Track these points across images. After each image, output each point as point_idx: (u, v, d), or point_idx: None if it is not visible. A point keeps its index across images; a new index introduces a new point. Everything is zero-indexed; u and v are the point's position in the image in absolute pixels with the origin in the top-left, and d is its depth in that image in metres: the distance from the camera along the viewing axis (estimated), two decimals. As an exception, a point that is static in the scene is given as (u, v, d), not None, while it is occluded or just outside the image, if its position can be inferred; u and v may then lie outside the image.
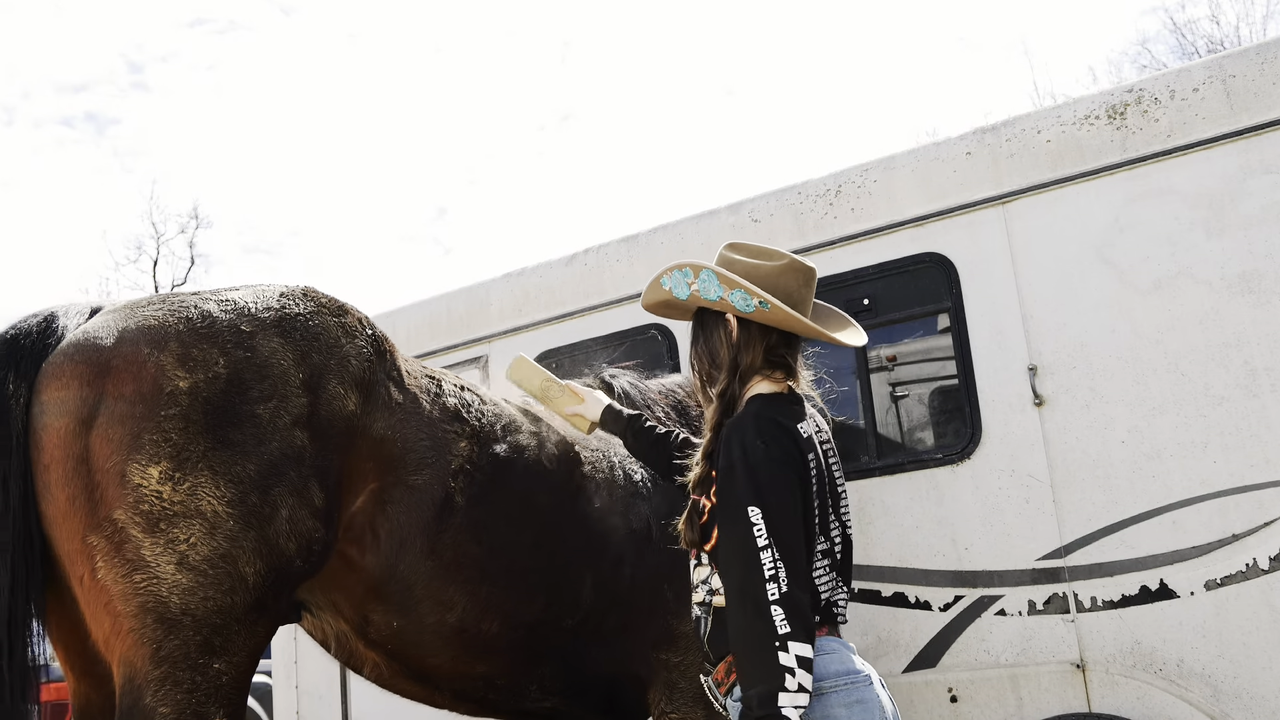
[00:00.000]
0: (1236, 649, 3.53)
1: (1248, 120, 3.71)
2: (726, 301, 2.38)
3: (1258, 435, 3.57)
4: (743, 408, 2.36)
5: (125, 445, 2.43)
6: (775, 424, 2.28)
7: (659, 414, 3.88)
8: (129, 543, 2.41)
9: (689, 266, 2.45)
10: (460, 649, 3.04)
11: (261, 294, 2.78)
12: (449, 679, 3.15)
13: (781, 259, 2.46)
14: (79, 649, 2.66)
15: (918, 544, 4.07)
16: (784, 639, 2.08)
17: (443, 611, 2.96)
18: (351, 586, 2.88)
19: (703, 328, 2.49)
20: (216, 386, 2.54)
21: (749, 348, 2.40)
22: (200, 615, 2.43)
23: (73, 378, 2.50)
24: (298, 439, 2.62)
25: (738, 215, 4.69)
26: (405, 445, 2.89)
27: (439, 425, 3.00)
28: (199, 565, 2.44)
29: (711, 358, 2.46)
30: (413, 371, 3.07)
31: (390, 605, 2.91)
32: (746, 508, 2.16)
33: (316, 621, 3.09)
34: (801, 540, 2.21)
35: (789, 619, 2.09)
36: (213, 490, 2.47)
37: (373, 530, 2.84)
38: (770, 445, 2.22)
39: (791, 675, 2.06)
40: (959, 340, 4.12)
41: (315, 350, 2.74)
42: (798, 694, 2.06)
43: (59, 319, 2.64)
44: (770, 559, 2.12)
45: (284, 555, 2.58)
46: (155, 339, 2.55)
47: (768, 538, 2.13)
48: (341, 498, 2.77)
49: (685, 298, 2.47)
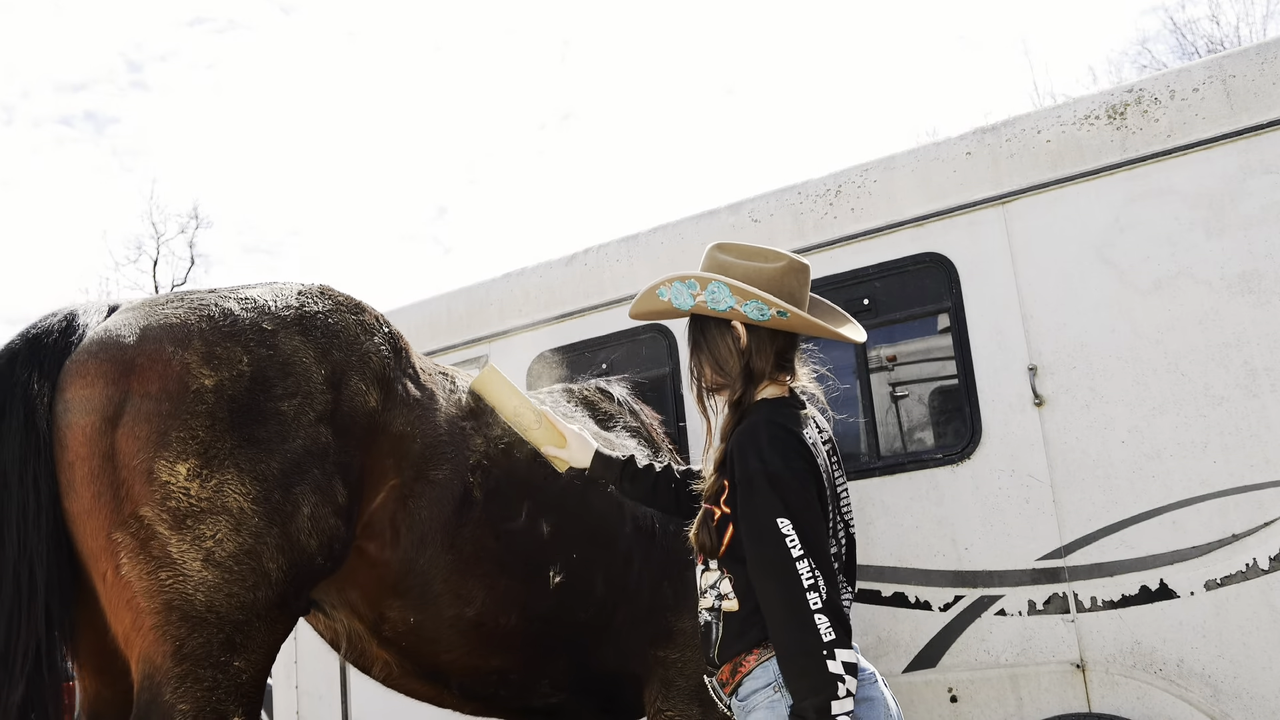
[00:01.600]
0: (1236, 649, 3.53)
1: (1248, 120, 3.71)
2: (738, 312, 2.34)
3: (1258, 435, 3.57)
4: (749, 414, 2.34)
5: (152, 442, 2.44)
6: (787, 431, 2.26)
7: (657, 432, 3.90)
8: (155, 539, 2.43)
9: (694, 278, 2.39)
10: (477, 643, 3.06)
11: (280, 292, 2.81)
12: (462, 675, 3.16)
13: (780, 259, 2.43)
14: (93, 646, 2.66)
15: (918, 544, 4.07)
16: (830, 646, 2.10)
17: (462, 605, 2.98)
18: (369, 583, 2.90)
19: (704, 335, 2.44)
20: (241, 384, 2.55)
21: (760, 354, 2.38)
22: (224, 612, 2.45)
23: (97, 376, 2.51)
24: (321, 436, 2.64)
25: (738, 215, 4.69)
26: (424, 441, 2.92)
27: (455, 421, 3.03)
28: (224, 562, 2.45)
29: (718, 366, 2.42)
30: (426, 368, 3.11)
31: (409, 601, 2.93)
32: (775, 519, 2.16)
33: (329, 621, 3.10)
34: (829, 546, 2.23)
35: (833, 626, 2.12)
36: (239, 487, 2.49)
37: (393, 526, 2.86)
38: (788, 454, 2.22)
39: (841, 683, 2.08)
40: (959, 340, 4.12)
41: (336, 347, 2.76)
42: (846, 700, 2.08)
43: (80, 317, 2.65)
44: (808, 568, 2.14)
45: (306, 552, 2.59)
46: (179, 337, 2.56)
47: (801, 548, 2.14)
48: (363, 494, 2.79)
49: (689, 308, 2.41)
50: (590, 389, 3.97)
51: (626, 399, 3.96)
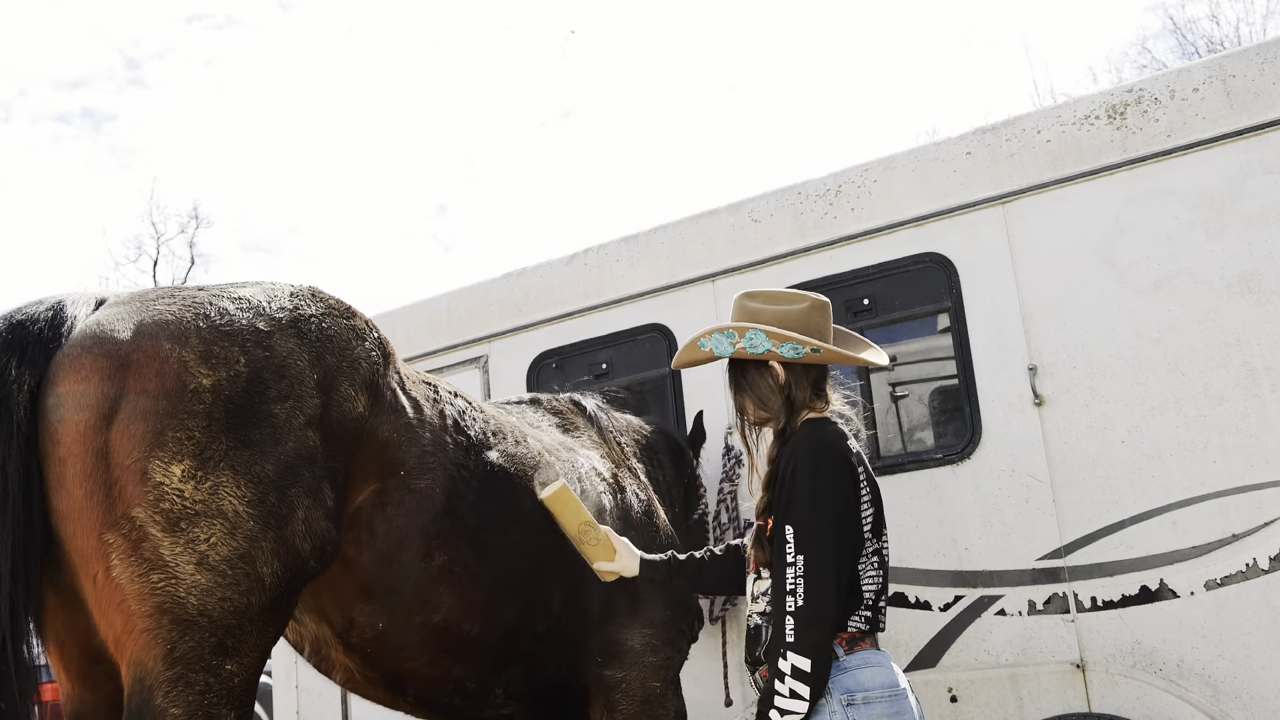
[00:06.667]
0: (1236, 649, 3.53)
1: (1248, 120, 3.71)
2: (775, 353, 2.63)
3: (1258, 435, 3.57)
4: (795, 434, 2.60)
5: (148, 442, 2.40)
6: (831, 445, 2.52)
7: (628, 447, 3.91)
8: (147, 541, 2.38)
9: (732, 329, 2.67)
10: (441, 650, 3.06)
11: (273, 293, 2.78)
12: (422, 683, 3.16)
13: (804, 300, 2.70)
14: (78, 650, 2.63)
15: (918, 544, 4.07)
16: (788, 646, 2.38)
17: (429, 612, 2.98)
18: (343, 587, 2.89)
19: (745, 377, 2.71)
20: (238, 385, 2.52)
21: (799, 386, 2.65)
22: (217, 616, 2.42)
23: (92, 370, 2.46)
24: (310, 440, 2.62)
25: (738, 215, 4.69)
26: (408, 449, 2.91)
27: (438, 431, 3.03)
28: (218, 565, 2.42)
29: (762, 403, 2.68)
30: (411, 376, 3.10)
31: (378, 606, 2.92)
32: (784, 526, 2.44)
33: (294, 625, 3.08)
34: (834, 558, 2.44)
35: (796, 629, 2.38)
36: (234, 490, 2.45)
37: (370, 530, 2.86)
38: (834, 463, 2.48)
39: (781, 680, 2.37)
40: (959, 340, 4.12)
41: (329, 352, 2.75)
42: (791, 700, 2.36)
43: (68, 308, 2.59)
44: (792, 575, 2.41)
45: (300, 556, 2.57)
46: (175, 334, 2.52)
47: (794, 556, 2.42)
48: (345, 498, 2.78)
49: (730, 354, 2.69)
50: (562, 400, 3.98)
51: (596, 413, 3.97)
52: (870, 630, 2.53)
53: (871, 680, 2.43)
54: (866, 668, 2.45)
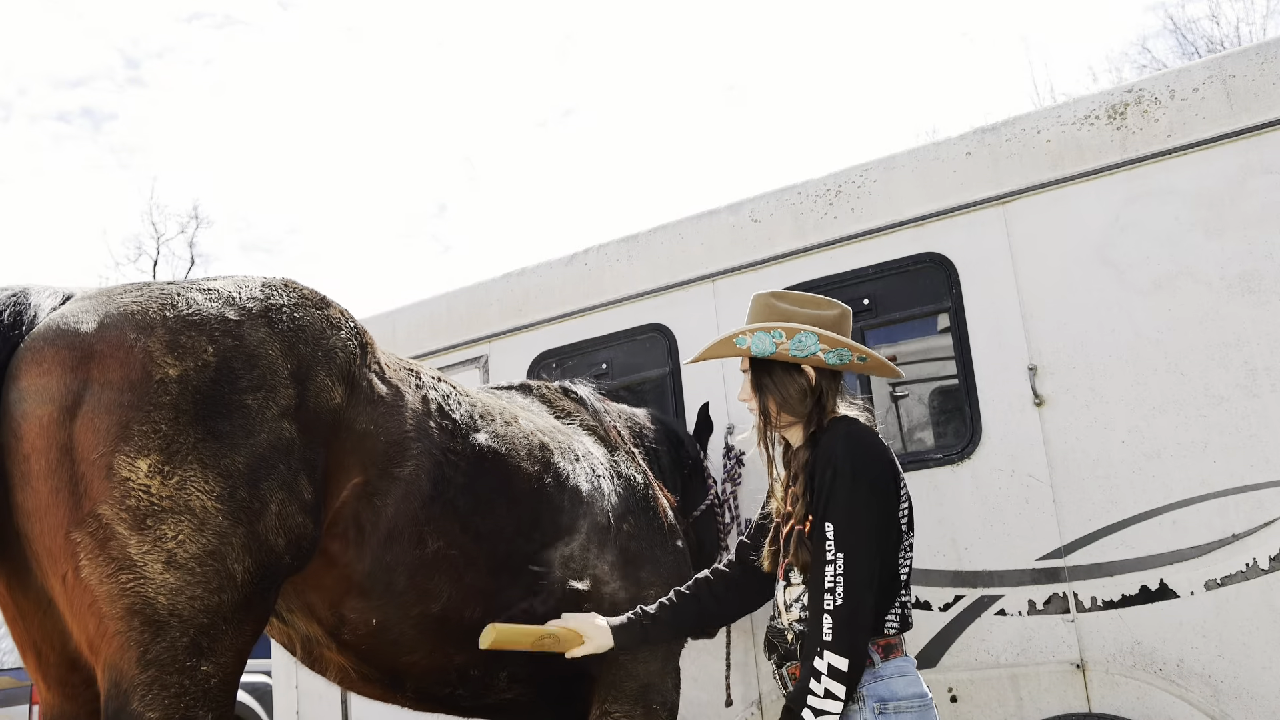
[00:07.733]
0: (1236, 649, 3.53)
1: (1248, 120, 3.71)
2: (819, 358, 2.60)
3: (1258, 435, 3.57)
4: (829, 431, 2.59)
5: (113, 436, 2.31)
6: (868, 442, 2.53)
7: (623, 431, 3.88)
8: (114, 540, 2.30)
9: (781, 329, 2.63)
10: (440, 640, 3.01)
11: (244, 284, 2.71)
12: (421, 676, 3.11)
13: (835, 307, 2.69)
14: (55, 656, 2.56)
15: (918, 544, 4.05)
16: (825, 645, 2.38)
17: (427, 602, 2.92)
18: (330, 585, 2.83)
19: (772, 378, 2.66)
20: (206, 375, 2.44)
21: (830, 392, 2.65)
22: (187, 616, 2.34)
23: (55, 363, 2.37)
24: (285, 431, 2.54)
25: (738, 215, 4.69)
26: (389, 438, 2.85)
27: (421, 417, 2.96)
28: (187, 563, 2.34)
29: (789, 406, 2.65)
30: (392, 364, 3.04)
31: (372, 600, 2.86)
32: (824, 523, 2.45)
33: (283, 626, 3.03)
34: (874, 556, 2.46)
35: (834, 628, 2.39)
36: (202, 485, 2.37)
37: (357, 525, 2.79)
38: (863, 462, 2.49)
39: (817, 681, 2.37)
40: (959, 340, 4.12)
41: (302, 341, 2.67)
42: (826, 700, 2.37)
43: (32, 298, 2.51)
44: (832, 573, 2.42)
45: (273, 551, 2.50)
46: (141, 324, 2.44)
47: (835, 553, 2.43)
48: (327, 493, 2.72)
49: (771, 353, 2.64)
50: (551, 387, 3.92)
51: (590, 398, 3.91)
52: (900, 630, 2.55)
53: (905, 690, 2.47)
54: (900, 677, 2.48)
